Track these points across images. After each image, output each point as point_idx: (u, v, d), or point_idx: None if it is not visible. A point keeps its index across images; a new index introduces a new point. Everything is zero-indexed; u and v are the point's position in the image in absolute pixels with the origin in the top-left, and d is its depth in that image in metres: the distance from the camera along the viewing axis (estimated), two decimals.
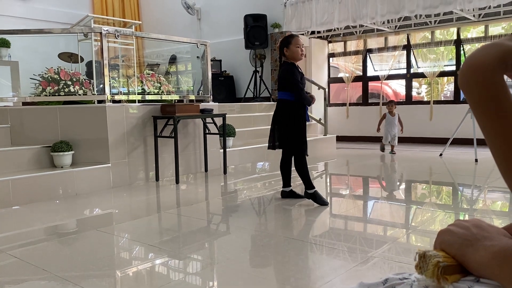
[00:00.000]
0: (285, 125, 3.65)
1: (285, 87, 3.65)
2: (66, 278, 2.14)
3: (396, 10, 7.11)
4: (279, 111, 3.69)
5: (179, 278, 2.19)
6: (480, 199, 3.92)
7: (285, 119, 3.64)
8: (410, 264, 2.18)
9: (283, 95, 3.67)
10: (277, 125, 3.70)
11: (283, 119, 3.66)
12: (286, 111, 3.64)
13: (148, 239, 2.80)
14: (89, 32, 5.16)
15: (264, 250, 2.55)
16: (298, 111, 3.64)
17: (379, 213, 3.56)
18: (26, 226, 3.22)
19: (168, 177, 5.09)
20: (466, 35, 8.38)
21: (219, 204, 3.92)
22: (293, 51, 3.63)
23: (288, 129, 3.64)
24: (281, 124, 3.67)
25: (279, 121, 3.69)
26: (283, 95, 3.67)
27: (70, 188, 4.20)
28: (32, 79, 4.87)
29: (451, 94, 8.77)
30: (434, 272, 0.62)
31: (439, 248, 0.67)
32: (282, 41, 3.72)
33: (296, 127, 3.63)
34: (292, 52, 3.64)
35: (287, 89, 3.63)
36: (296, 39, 3.66)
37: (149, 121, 4.93)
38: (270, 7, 8.57)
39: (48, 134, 4.57)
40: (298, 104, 3.63)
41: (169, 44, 7.72)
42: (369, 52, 9.19)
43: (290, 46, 3.63)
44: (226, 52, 9.08)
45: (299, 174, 3.71)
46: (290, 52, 3.64)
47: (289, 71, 3.61)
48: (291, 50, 3.63)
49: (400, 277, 0.70)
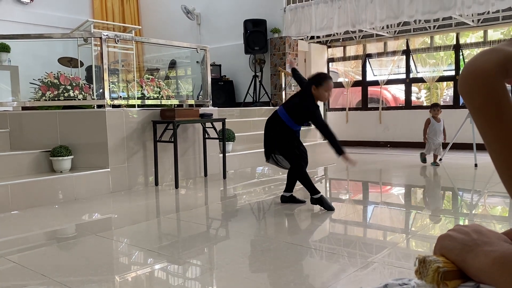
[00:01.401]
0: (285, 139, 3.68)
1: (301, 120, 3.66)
2: (64, 283, 2.13)
3: (395, 15, 7.13)
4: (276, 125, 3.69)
5: (178, 283, 2.18)
6: (480, 204, 3.91)
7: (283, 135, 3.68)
8: (410, 269, 2.17)
9: (287, 119, 3.65)
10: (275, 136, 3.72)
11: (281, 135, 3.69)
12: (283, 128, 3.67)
13: (147, 244, 2.79)
14: (89, 37, 5.17)
15: (264, 255, 2.54)
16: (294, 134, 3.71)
17: (379, 218, 3.56)
18: (25, 231, 3.21)
19: (168, 181, 5.08)
20: (465, 40, 8.40)
21: (218, 209, 3.92)
22: (321, 94, 3.61)
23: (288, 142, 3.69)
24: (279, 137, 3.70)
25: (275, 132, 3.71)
26: (287, 119, 3.65)
27: (69, 193, 4.20)
28: (32, 83, 4.88)
29: (450, 99, 8.79)
30: (434, 278, 0.62)
31: (439, 253, 0.66)
32: (316, 77, 3.66)
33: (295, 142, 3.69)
34: (320, 95, 3.61)
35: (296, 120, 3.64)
36: (329, 84, 3.62)
37: (148, 125, 4.93)
38: (270, 12, 8.60)
39: (48, 139, 4.56)
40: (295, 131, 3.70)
41: (169, 49, 7.73)
42: (368, 57, 9.21)
43: (321, 88, 3.58)
44: (225, 57, 9.10)
45: (301, 183, 3.72)
46: (318, 93, 3.60)
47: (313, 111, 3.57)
48: (320, 92, 3.59)
49: (400, 282, 0.69)
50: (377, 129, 9.04)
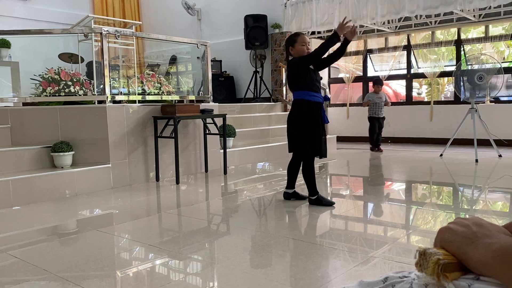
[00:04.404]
0: (295, 126, 3.54)
1: (297, 85, 3.51)
2: (66, 278, 2.14)
3: (396, 10, 7.11)
4: (292, 111, 3.58)
5: (179, 278, 2.19)
6: (480, 200, 3.91)
7: (296, 119, 3.54)
8: (411, 265, 2.18)
9: (297, 95, 3.54)
10: (289, 126, 3.61)
11: (294, 119, 3.56)
12: (299, 110, 3.52)
13: (149, 239, 2.80)
14: (89, 33, 5.16)
15: (265, 250, 2.54)
16: (311, 111, 3.49)
17: (379, 214, 3.56)
18: (27, 227, 3.22)
19: (169, 177, 5.09)
20: (466, 36, 8.38)
21: (219, 205, 3.92)
22: (298, 49, 3.51)
23: (297, 130, 3.53)
24: (291, 124, 3.58)
25: (290, 122, 3.60)
26: (297, 95, 3.54)
27: (70, 189, 4.20)
28: (33, 79, 4.88)
29: (451, 95, 8.78)
30: (434, 270, 0.62)
31: (439, 246, 0.67)
32: (288, 40, 3.61)
33: (306, 128, 3.49)
34: (298, 51, 3.51)
35: (300, 87, 3.50)
36: (301, 37, 3.54)
37: (149, 121, 4.93)
38: (271, 7, 8.58)
39: (49, 135, 4.57)
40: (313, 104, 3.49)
41: (170, 44, 7.72)
42: (369, 52, 9.19)
43: (296, 45, 3.51)
44: (226, 53, 9.09)
45: (304, 178, 3.64)
46: (296, 51, 3.52)
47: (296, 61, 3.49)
48: (296, 48, 3.52)
49: (400, 275, 0.70)
50: None
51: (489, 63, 6.48)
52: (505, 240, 0.59)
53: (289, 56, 3.63)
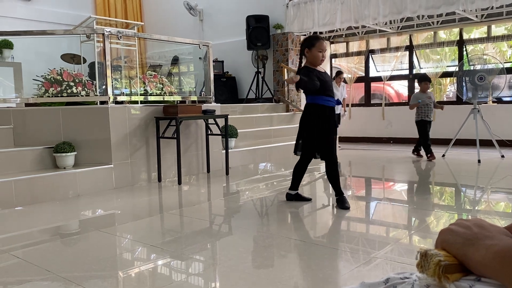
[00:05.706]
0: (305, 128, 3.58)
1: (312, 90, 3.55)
2: (68, 278, 2.14)
3: (398, 10, 7.10)
4: (303, 114, 3.62)
5: (182, 279, 2.19)
6: (483, 200, 3.90)
7: (306, 122, 3.58)
8: (413, 265, 2.17)
9: (310, 99, 3.57)
10: (300, 128, 3.65)
11: (304, 122, 3.60)
12: (308, 112, 3.56)
13: (151, 239, 2.80)
14: (91, 33, 5.17)
15: (267, 251, 2.54)
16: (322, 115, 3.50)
17: (382, 214, 3.56)
18: (29, 227, 3.23)
19: (170, 178, 5.10)
20: (469, 36, 8.37)
21: (221, 205, 3.92)
22: (314, 55, 3.48)
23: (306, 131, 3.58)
24: (302, 126, 3.62)
25: (301, 124, 3.64)
26: (310, 99, 3.57)
27: (72, 189, 4.21)
28: (35, 80, 4.89)
29: (453, 95, 8.75)
30: (435, 271, 0.62)
31: (441, 247, 0.67)
32: (306, 40, 3.56)
33: (312, 129, 3.53)
34: (313, 56, 3.49)
35: (314, 92, 3.52)
36: (320, 43, 3.49)
37: (151, 122, 4.94)
38: (272, 8, 8.57)
39: (51, 135, 4.58)
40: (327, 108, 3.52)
41: (172, 45, 7.74)
42: (371, 52, 9.18)
43: (313, 49, 3.48)
44: (228, 53, 9.09)
45: (293, 171, 3.72)
46: (311, 55, 3.49)
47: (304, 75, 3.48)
48: (312, 53, 3.48)
49: (401, 276, 0.70)
50: (380, 125, 9.03)
51: (492, 63, 6.47)
52: (506, 242, 0.59)
53: (302, 56, 3.59)
